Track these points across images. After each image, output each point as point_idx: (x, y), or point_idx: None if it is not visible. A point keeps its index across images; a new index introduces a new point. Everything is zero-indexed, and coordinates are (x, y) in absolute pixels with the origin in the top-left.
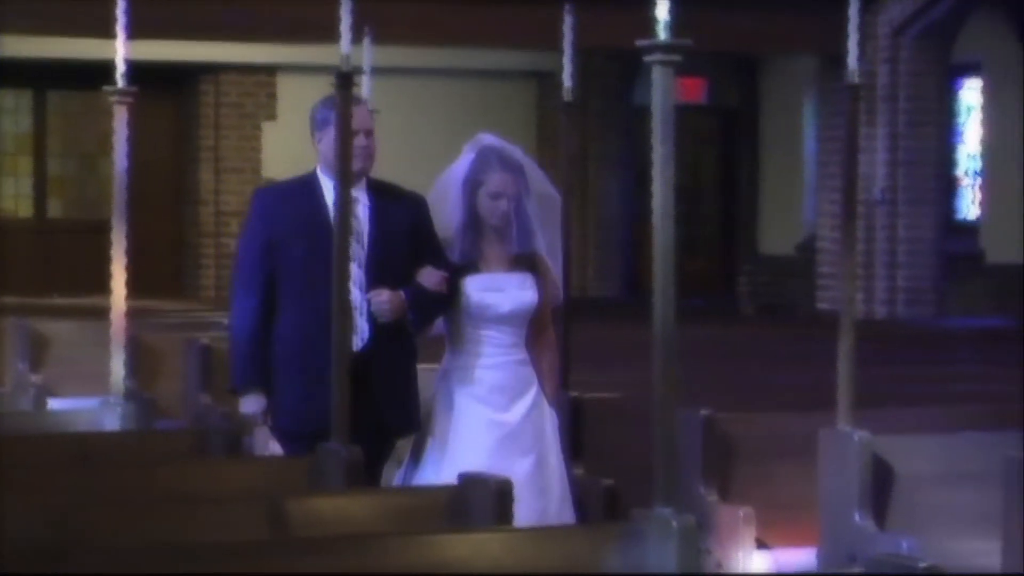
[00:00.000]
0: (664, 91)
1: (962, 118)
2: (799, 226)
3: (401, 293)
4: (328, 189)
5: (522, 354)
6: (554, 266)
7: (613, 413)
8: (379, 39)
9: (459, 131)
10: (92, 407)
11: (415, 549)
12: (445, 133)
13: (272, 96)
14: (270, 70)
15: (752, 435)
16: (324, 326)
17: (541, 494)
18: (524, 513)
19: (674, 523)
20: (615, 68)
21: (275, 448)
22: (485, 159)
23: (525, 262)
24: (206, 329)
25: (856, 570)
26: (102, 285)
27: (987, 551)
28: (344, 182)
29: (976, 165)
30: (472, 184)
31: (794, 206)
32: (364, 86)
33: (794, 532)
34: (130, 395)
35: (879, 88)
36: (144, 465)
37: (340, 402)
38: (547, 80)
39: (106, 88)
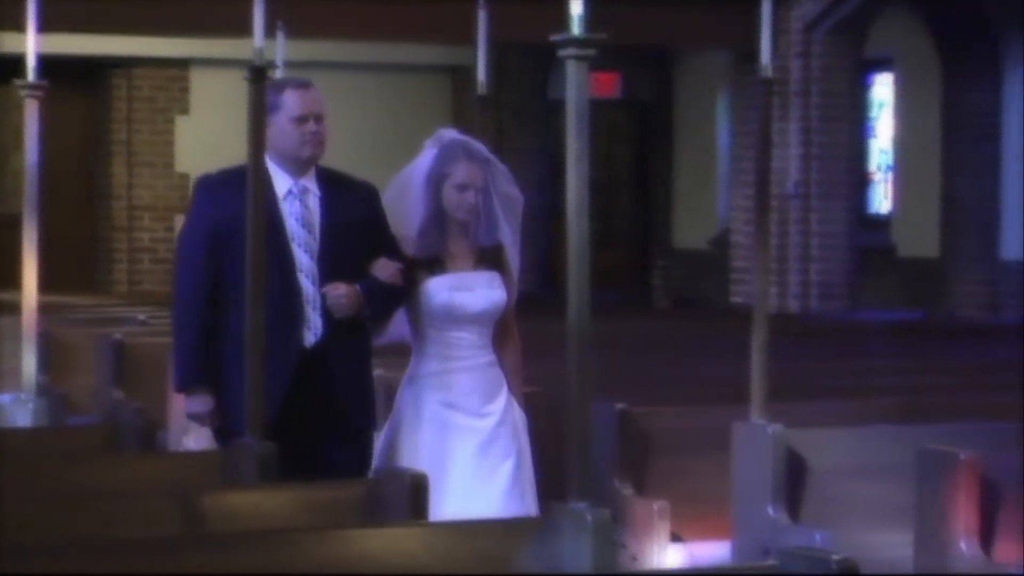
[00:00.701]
0: (578, 86)
1: (874, 113)
2: (713, 220)
3: (357, 287)
4: (277, 178)
5: (491, 355)
6: (514, 264)
7: (529, 407)
8: (293, 33)
9: (375, 125)
10: (4, 403)
11: (329, 544)
12: (361, 127)
13: (185, 90)
14: (183, 64)
15: (667, 429)
16: (276, 321)
17: (523, 497)
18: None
19: (589, 517)
20: (530, 62)
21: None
22: (451, 151)
23: (490, 257)
24: (119, 324)
25: (769, 563)
26: (14, 280)
27: (899, 543)
28: (255, 176)
29: (888, 160)
30: (437, 178)
31: (708, 201)
32: None
33: (708, 525)
34: (42, 391)
35: (792, 83)
36: (56, 461)
37: (254, 398)
38: (462, 74)
39: (17, 82)
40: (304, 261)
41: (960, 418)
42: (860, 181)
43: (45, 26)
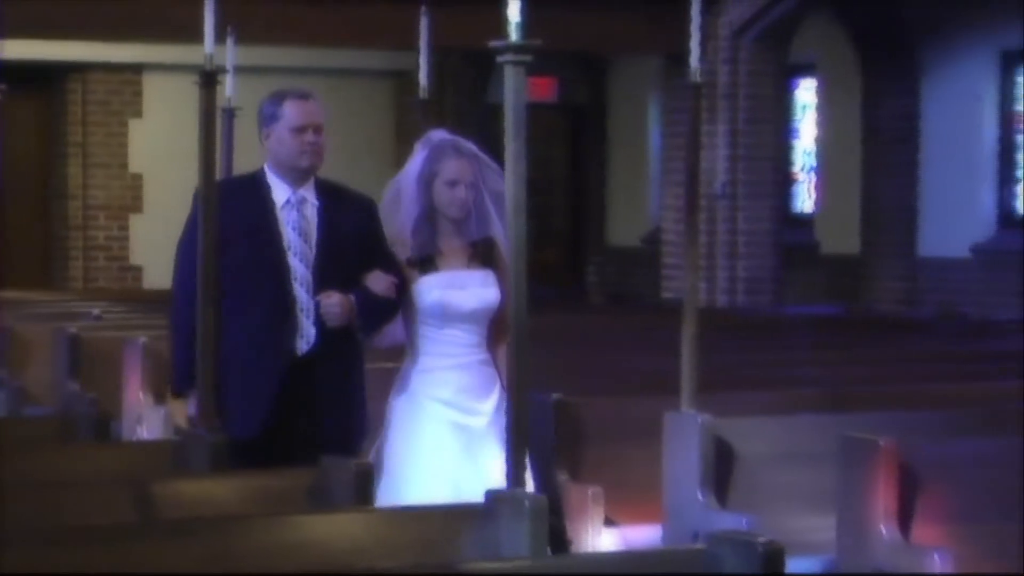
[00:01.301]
0: (516, 90)
1: (798, 116)
2: (645, 219)
3: (351, 297)
4: (276, 188)
5: (484, 353)
6: (507, 262)
7: None
8: (242, 39)
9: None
10: None
11: (277, 529)
12: None
13: (138, 94)
14: (136, 69)
15: (601, 418)
16: (269, 328)
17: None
18: None
19: (526, 503)
20: (470, 67)
21: None
22: (440, 149)
23: (483, 254)
24: (75, 319)
25: (699, 546)
26: None
27: (822, 527)
28: (207, 183)
29: (811, 161)
30: (427, 176)
31: (640, 200)
32: (228, 84)
33: (641, 510)
34: (0, 383)
35: (720, 87)
36: (13, 450)
37: (206, 391)
38: (405, 79)
39: None
40: (299, 270)
41: (880, 407)
42: (785, 181)
43: (3, 33)
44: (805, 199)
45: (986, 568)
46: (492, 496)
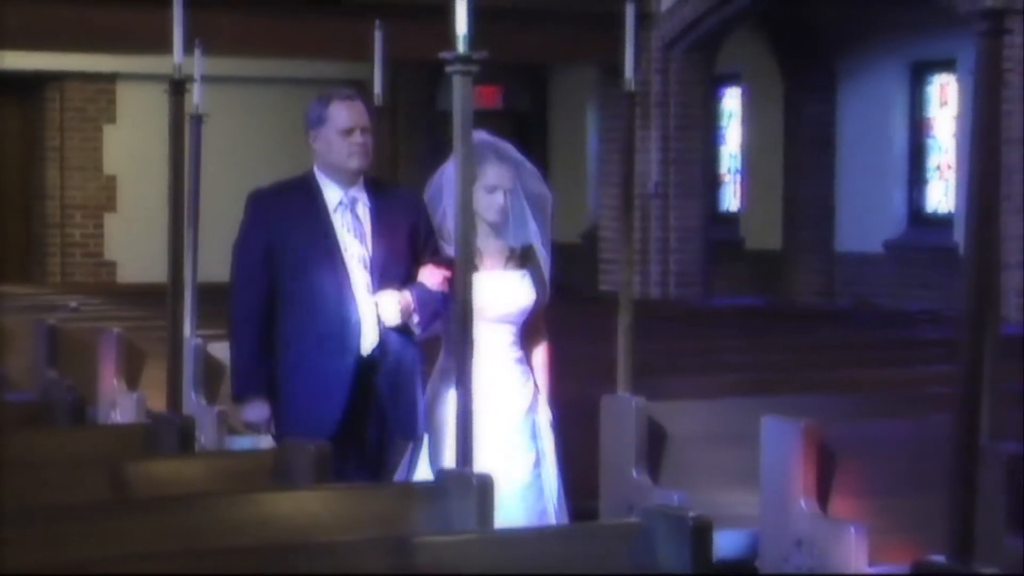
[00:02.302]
0: (463, 98)
1: (724, 122)
2: (584, 217)
3: (407, 293)
4: (327, 190)
5: (519, 352)
6: (544, 263)
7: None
8: (209, 50)
9: (284, 134)
10: None
11: (242, 506)
12: (270, 136)
13: (112, 101)
14: (110, 78)
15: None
16: (333, 331)
17: (541, 494)
18: (527, 515)
19: (473, 481)
20: (422, 77)
21: None
22: (480, 153)
23: (521, 257)
24: (53, 311)
25: (633, 520)
26: None
27: (747, 502)
28: (176, 184)
29: (737, 163)
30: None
31: (579, 199)
32: (195, 93)
33: (578, 487)
34: None
35: (652, 95)
36: None
37: (173, 379)
38: (361, 88)
39: None
40: (356, 270)
41: (800, 391)
42: (712, 182)
43: None
44: (731, 199)
45: (898, 538)
46: (442, 475)
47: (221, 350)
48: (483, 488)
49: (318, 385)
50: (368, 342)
